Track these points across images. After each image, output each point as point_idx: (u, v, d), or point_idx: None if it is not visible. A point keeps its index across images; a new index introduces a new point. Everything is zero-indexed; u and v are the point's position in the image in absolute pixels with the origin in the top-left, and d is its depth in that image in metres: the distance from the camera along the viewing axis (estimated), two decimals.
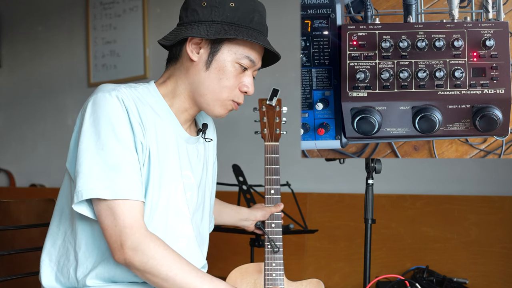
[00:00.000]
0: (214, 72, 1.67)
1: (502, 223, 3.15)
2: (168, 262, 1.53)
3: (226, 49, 1.66)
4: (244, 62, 1.68)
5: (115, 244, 1.53)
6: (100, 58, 4.81)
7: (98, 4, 4.78)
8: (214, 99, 1.69)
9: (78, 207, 1.55)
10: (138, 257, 1.52)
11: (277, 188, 2.01)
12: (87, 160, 1.53)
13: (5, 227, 2.10)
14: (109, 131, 1.54)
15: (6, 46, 5.44)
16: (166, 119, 1.69)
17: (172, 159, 1.67)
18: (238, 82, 1.70)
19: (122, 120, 1.56)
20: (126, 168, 1.54)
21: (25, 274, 2.05)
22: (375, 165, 1.98)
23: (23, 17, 5.32)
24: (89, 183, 1.51)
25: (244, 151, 3.75)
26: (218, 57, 1.67)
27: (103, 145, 1.53)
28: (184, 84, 1.70)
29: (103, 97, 1.57)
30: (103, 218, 1.53)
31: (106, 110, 1.56)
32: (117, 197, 1.51)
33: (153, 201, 1.62)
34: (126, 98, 1.59)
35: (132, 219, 1.53)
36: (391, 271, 3.23)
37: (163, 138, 1.66)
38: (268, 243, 1.96)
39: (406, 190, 3.43)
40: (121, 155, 1.54)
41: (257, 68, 1.74)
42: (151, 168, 1.61)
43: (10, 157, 5.32)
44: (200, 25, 1.65)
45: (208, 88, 1.68)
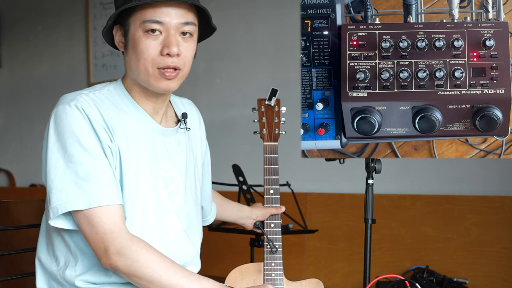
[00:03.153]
0: (132, 52, 1.62)
1: (502, 223, 3.14)
2: (152, 264, 1.53)
3: (132, 24, 1.61)
4: (150, 27, 1.58)
5: (100, 251, 1.54)
6: (100, 58, 4.81)
7: (98, 4, 4.78)
8: (144, 75, 1.62)
9: (55, 222, 1.57)
10: (122, 261, 1.52)
11: (276, 188, 2.01)
12: (58, 175, 1.55)
13: (5, 227, 2.10)
14: (74, 142, 1.55)
15: (6, 46, 5.44)
16: (134, 115, 1.67)
17: (146, 155, 1.66)
18: (157, 49, 1.60)
19: (85, 129, 1.56)
20: (97, 176, 1.54)
21: (25, 274, 2.05)
22: (375, 165, 1.98)
23: (23, 17, 5.31)
24: (63, 198, 1.53)
25: (244, 151, 3.75)
26: (129, 37, 1.62)
27: (71, 157, 1.54)
28: (128, 74, 1.69)
29: (63, 110, 1.58)
30: (83, 228, 1.55)
31: (68, 122, 1.56)
32: (91, 205, 1.53)
33: (132, 199, 1.62)
34: (86, 105, 1.58)
35: (110, 224, 1.54)
36: (391, 271, 3.23)
37: (133, 136, 1.64)
38: (267, 243, 1.96)
39: (406, 190, 3.43)
40: (90, 164, 1.55)
41: (177, 26, 1.60)
42: (124, 168, 1.61)
43: (10, 157, 5.31)
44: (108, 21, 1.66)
45: (135, 69, 1.63)
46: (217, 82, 4.09)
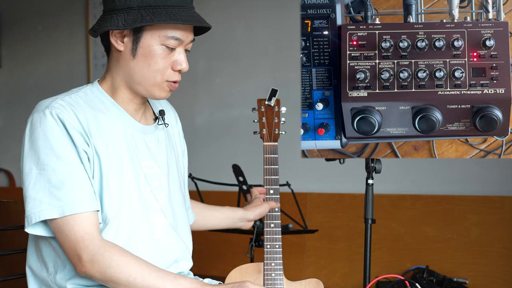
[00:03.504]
0: (142, 59, 1.63)
1: (502, 223, 3.14)
2: (125, 269, 1.53)
3: (149, 34, 1.61)
4: (169, 43, 1.62)
5: (74, 259, 1.54)
6: (100, 58, 4.81)
7: (98, 4, 4.77)
8: (150, 84, 1.65)
9: (32, 229, 1.56)
10: (95, 269, 1.53)
11: (276, 188, 2.01)
12: (31, 183, 1.54)
13: (5, 227, 2.10)
14: (47, 150, 1.54)
15: (6, 46, 5.44)
16: (112, 114, 1.66)
17: (126, 154, 1.65)
18: (169, 62, 1.64)
19: (58, 136, 1.55)
20: (70, 183, 1.54)
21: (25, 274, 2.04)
22: (375, 165, 1.98)
23: (23, 17, 5.31)
24: (36, 206, 1.53)
25: (244, 151, 3.75)
26: (142, 44, 1.62)
27: (44, 165, 1.54)
28: (119, 75, 1.67)
29: (38, 118, 1.58)
30: (57, 236, 1.55)
31: (42, 130, 1.56)
32: (65, 214, 1.52)
33: (116, 199, 1.61)
34: (60, 111, 1.58)
35: (83, 232, 1.53)
36: (391, 271, 3.23)
37: (113, 136, 1.64)
38: (268, 243, 1.96)
39: (406, 190, 3.43)
40: (63, 172, 1.54)
41: (188, 42, 1.67)
42: (105, 170, 1.60)
43: (10, 157, 5.31)
44: (118, 14, 1.61)
45: (140, 76, 1.64)
46: (217, 82, 4.09)
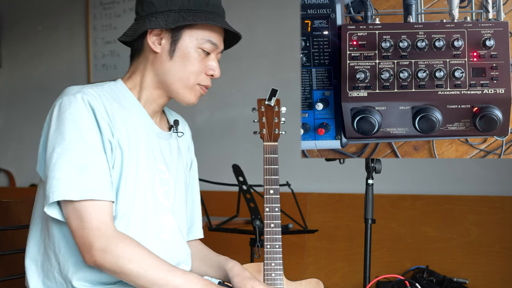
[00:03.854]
0: (179, 60, 1.68)
1: (502, 223, 3.15)
2: (138, 260, 1.53)
3: (187, 36, 1.67)
4: (206, 47, 1.69)
5: (84, 246, 1.53)
6: (100, 58, 4.81)
7: (98, 4, 4.78)
8: (183, 86, 1.70)
9: (50, 211, 1.56)
10: (107, 258, 1.52)
11: (276, 188, 2.01)
12: (53, 164, 1.54)
13: (5, 227, 2.10)
14: (74, 133, 1.55)
15: (6, 46, 5.44)
16: (135, 112, 1.69)
17: (145, 153, 1.67)
18: (204, 66, 1.71)
19: (87, 121, 1.57)
20: (92, 169, 1.54)
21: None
22: (375, 165, 1.98)
23: (22, 17, 5.31)
24: (56, 185, 1.52)
25: (244, 151, 3.75)
26: (180, 45, 1.68)
27: (69, 147, 1.54)
28: (151, 75, 1.71)
29: (68, 100, 1.58)
30: (71, 221, 1.54)
31: (71, 113, 1.57)
32: (83, 197, 1.52)
33: (130, 195, 1.61)
34: (91, 98, 1.59)
35: (99, 221, 1.53)
36: (391, 271, 3.23)
37: (134, 132, 1.66)
38: (268, 243, 1.96)
39: (406, 190, 3.43)
40: (87, 156, 1.55)
41: (220, 51, 1.75)
42: (124, 163, 1.61)
43: (10, 157, 5.31)
44: (158, 16, 1.67)
45: (175, 77, 1.69)
46: (217, 82, 4.09)
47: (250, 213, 2.60)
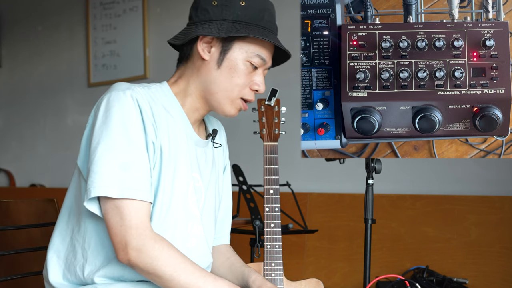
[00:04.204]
0: (226, 71, 1.67)
1: (502, 223, 3.15)
2: (172, 263, 1.53)
3: (238, 47, 1.67)
4: (255, 61, 1.68)
5: (119, 244, 1.53)
6: (100, 58, 4.81)
7: (98, 4, 4.78)
8: (225, 97, 1.69)
9: (90, 205, 1.55)
10: (142, 258, 1.52)
11: (276, 188, 2.01)
12: (96, 158, 1.53)
13: (5, 227, 2.10)
14: (121, 130, 1.54)
15: (6, 46, 5.44)
16: (178, 118, 1.69)
17: (183, 160, 1.67)
18: (249, 80, 1.69)
19: (134, 119, 1.56)
20: (135, 168, 1.54)
21: (25, 274, 2.05)
22: (375, 165, 1.98)
23: (23, 17, 5.32)
24: (98, 181, 1.52)
25: (244, 151, 3.75)
26: (229, 56, 1.67)
27: (114, 143, 1.54)
28: (196, 83, 1.70)
29: (117, 96, 1.57)
30: (109, 217, 1.53)
31: (119, 109, 1.56)
32: (124, 196, 1.51)
33: (165, 200, 1.62)
34: (140, 97, 1.59)
35: (138, 220, 1.53)
36: (391, 271, 3.23)
37: (175, 138, 1.66)
38: (268, 243, 1.96)
39: (406, 190, 3.43)
40: (131, 154, 1.54)
41: (267, 67, 1.73)
42: (163, 167, 1.61)
43: (10, 157, 5.31)
44: (211, 24, 1.66)
45: (219, 87, 1.68)
46: None
47: (250, 213, 2.60)
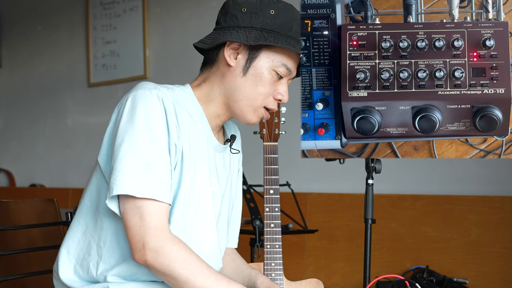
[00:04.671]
0: (251, 79, 1.66)
1: (502, 223, 3.15)
2: (189, 266, 1.53)
3: (264, 56, 1.66)
4: (281, 70, 1.67)
5: (137, 244, 1.52)
6: (100, 58, 4.81)
7: (98, 4, 4.78)
8: (248, 105, 1.68)
9: (110, 204, 1.54)
10: (159, 260, 1.51)
11: (276, 188, 2.01)
12: (120, 156, 1.53)
13: (5, 227, 2.10)
14: (145, 129, 1.54)
15: (6, 46, 5.44)
16: (200, 123, 1.68)
17: (203, 164, 1.67)
18: (273, 89, 1.68)
19: (159, 119, 1.56)
20: (157, 169, 1.54)
21: (25, 274, 2.05)
22: (375, 165, 1.98)
23: (23, 17, 5.32)
24: (121, 179, 1.51)
25: (244, 151, 3.75)
26: (255, 64, 1.66)
27: (138, 142, 1.53)
28: (220, 88, 1.69)
29: (144, 95, 1.57)
30: (128, 216, 1.53)
31: (145, 107, 1.56)
32: (145, 196, 1.51)
33: (184, 204, 1.61)
34: (166, 98, 1.59)
35: (157, 221, 1.52)
36: (391, 271, 3.23)
37: (196, 143, 1.65)
38: (268, 243, 1.96)
39: (406, 190, 3.43)
40: (154, 155, 1.54)
41: (292, 77, 1.73)
42: (183, 170, 1.61)
43: (10, 157, 5.32)
44: (239, 30, 1.65)
45: (243, 94, 1.67)
46: None
47: (250, 213, 2.60)
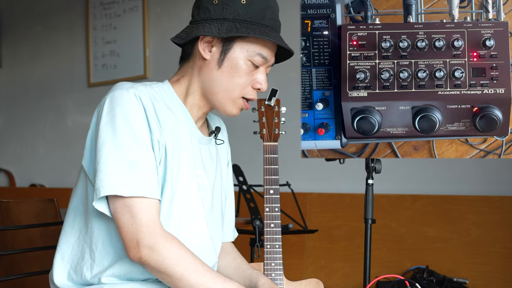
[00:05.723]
0: (227, 70, 1.66)
1: (502, 223, 3.15)
2: (183, 262, 1.53)
3: (238, 47, 1.65)
4: (256, 60, 1.66)
5: (131, 242, 1.52)
6: (100, 58, 4.81)
7: (98, 4, 4.78)
8: (226, 97, 1.68)
9: (98, 205, 1.55)
10: (154, 256, 1.52)
11: (276, 188, 2.01)
12: (104, 158, 1.53)
13: (5, 227, 2.10)
14: (126, 128, 1.54)
15: (6, 46, 5.44)
16: (180, 117, 1.69)
17: (186, 157, 1.67)
18: (251, 79, 1.68)
19: (139, 117, 1.56)
20: (143, 166, 1.54)
21: (25, 274, 2.05)
22: (375, 165, 1.98)
23: (23, 17, 5.32)
24: (107, 180, 1.52)
25: (244, 151, 3.75)
26: (230, 55, 1.66)
27: (120, 142, 1.54)
28: (198, 82, 1.70)
29: (121, 95, 1.58)
30: (119, 216, 1.53)
31: (123, 107, 1.56)
32: (134, 194, 1.52)
33: (169, 198, 1.62)
34: (143, 95, 1.59)
35: (149, 218, 1.53)
36: (391, 271, 3.23)
37: (178, 136, 1.66)
38: (268, 243, 1.96)
39: (406, 190, 3.43)
40: (138, 152, 1.54)
41: (270, 65, 1.72)
42: (167, 165, 1.61)
43: (10, 157, 5.32)
44: (212, 23, 1.65)
45: (220, 86, 1.67)
46: None
47: (250, 213, 2.60)
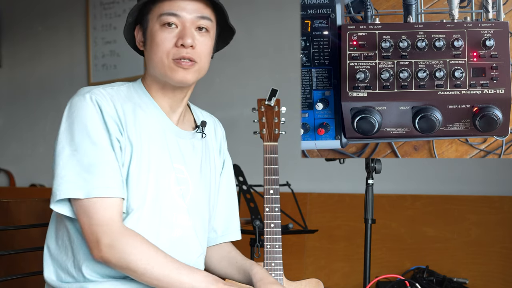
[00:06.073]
0: (150, 47, 1.67)
1: (502, 223, 3.15)
2: (145, 256, 1.55)
3: (151, 21, 1.66)
4: (166, 20, 1.63)
5: (92, 242, 1.55)
6: (100, 58, 4.81)
7: (98, 4, 4.78)
8: (161, 68, 1.67)
9: (58, 208, 1.58)
10: (114, 254, 1.54)
11: (276, 188, 2.01)
12: (61, 162, 1.57)
13: (5, 227, 2.10)
14: (83, 133, 1.58)
15: (6, 46, 5.44)
16: (150, 111, 1.70)
17: (158, 152, 1.68)
18: (172, 41, 1.65)
19: (95, 121, 1.59)
20: (100, 168, 1.57)
21: (25, 274, 2.05)
22: (375, 165, 1.98)
23: (23, 17, 5.32)
24: (63, 184, 1.55)
25: (244, 151, 3.75)
26: (148, 33, 1.67)
27: (77, 147, 1.57)
28: (149, 70, 1.73)
29: (78, 101, 1.61)
30: (79, 218, 1.57)
31: (79, 113, 1.60)
32: (90, 195, 1.54)
33: (142, 192, 1.63)
34: (100, 98, 1.62)
35: (107, 217, 1.55)
36: (391, 271, 3.23)
37: (147, 132, 1.67)
38: (268, 243, 1.96)
39: (406, 190, 3.43)
40: (95, 155, 1.57)
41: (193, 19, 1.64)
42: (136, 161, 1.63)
43: (10, 157, 5.31)
44: (128, 17, 1.69)
45: (153, 64, 1.67)
46: (217, 82, 4.09)
47: (250, 213, 2.60)
